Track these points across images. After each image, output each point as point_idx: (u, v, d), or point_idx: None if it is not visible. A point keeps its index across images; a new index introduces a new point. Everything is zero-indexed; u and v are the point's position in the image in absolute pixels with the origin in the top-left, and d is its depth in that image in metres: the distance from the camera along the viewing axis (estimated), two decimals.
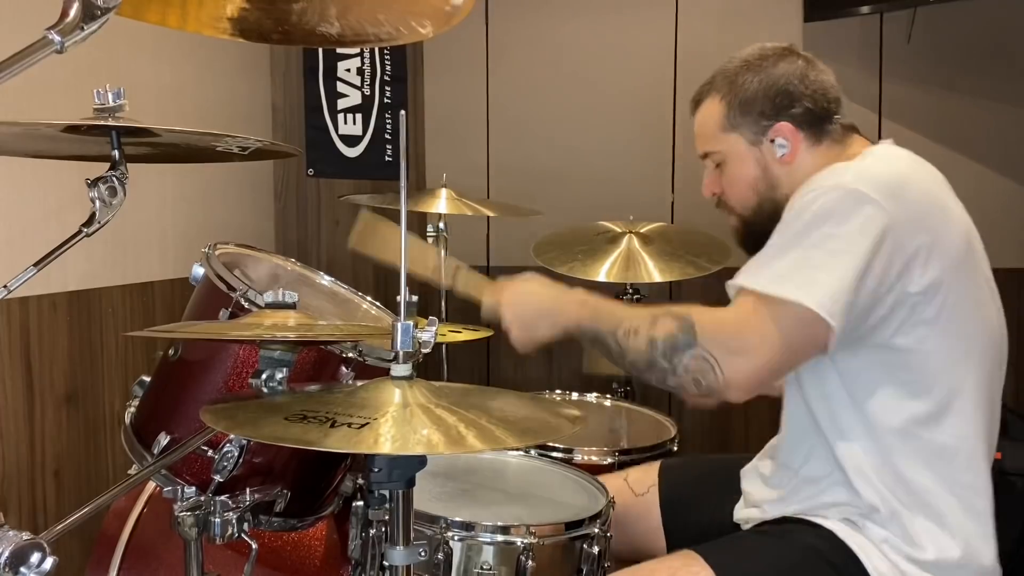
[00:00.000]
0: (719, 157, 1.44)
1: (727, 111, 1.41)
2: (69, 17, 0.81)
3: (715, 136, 1.43)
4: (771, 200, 1.40)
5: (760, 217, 1.41)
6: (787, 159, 1.39)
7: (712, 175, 1.47)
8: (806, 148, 1.39)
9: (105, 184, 0.97)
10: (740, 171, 1.42)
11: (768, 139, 1.39)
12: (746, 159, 1.41)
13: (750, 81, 1.39)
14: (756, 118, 1.39)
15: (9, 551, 0.83)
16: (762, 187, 1.41)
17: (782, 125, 1.38)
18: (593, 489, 1.53)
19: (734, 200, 1.45)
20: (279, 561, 1.50)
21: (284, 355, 1.13)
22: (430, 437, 0.87)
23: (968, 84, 2.87)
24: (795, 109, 1.38)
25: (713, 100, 1.44)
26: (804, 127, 1.38)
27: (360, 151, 3.07)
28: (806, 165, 1.38)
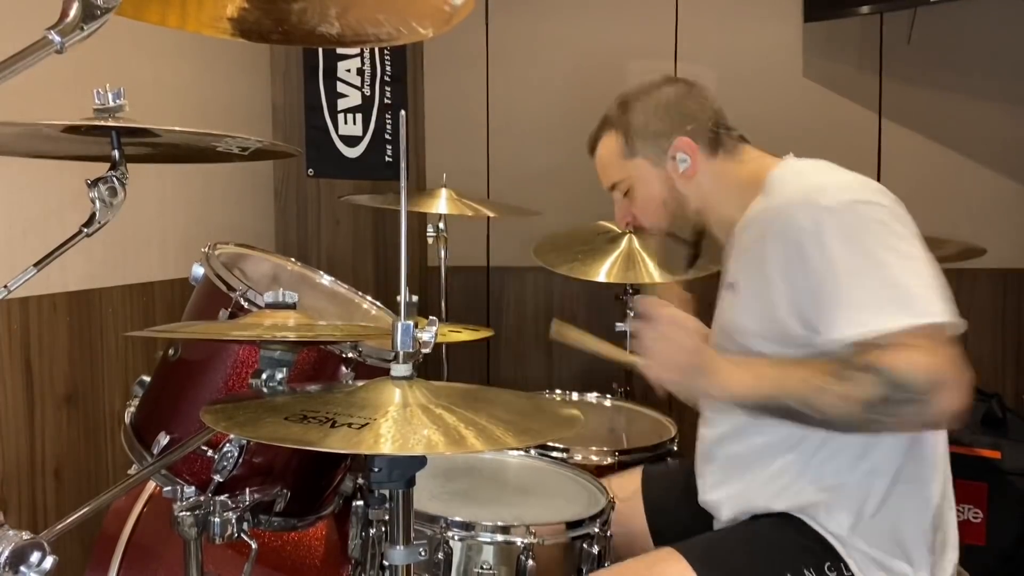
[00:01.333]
0: (625, 185, 1.52)
1: (625, 140, 1.49)
2: (69, 17, 0.81)
3: (617, 166, 1.52)
4: (683, 217, 1.49)
5: (678, 230, 1.51)
6: (689, 173, 1.45)
7: (622, 204, 1.55)
8: (704, 160, 1.45)
9: (105, 184, 0.97)
10: (648, 193, 1.49)
11: (669, 156, 1.45)
12: (652, 180, 1.48)
13: (639, 108, 1.49)
14: (654, 139, 1.47)
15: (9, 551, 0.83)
16: (671, 204, 1.48)
17: (680, 140, 1.44)
18: (593, 489, 1.53)
19: (648, 221, 1.53)
20: (279, 561, 1.50)
21: (284, 355, 1.13)
22: (430, 437, 0.87)
23: (968, 84, 2.87)
24: (687, 125, 1.45)
25: (609, 136, 1.53)
26: (699, 140, 1.44)
27: (360, 151, 3.07)
28: (707, 178, 1.45)
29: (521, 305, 3.30)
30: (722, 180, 1.45)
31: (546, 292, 3.26)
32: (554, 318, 1.56)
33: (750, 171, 1.42)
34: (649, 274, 2.38)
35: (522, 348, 3.29)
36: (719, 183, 1.45)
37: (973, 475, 2.26)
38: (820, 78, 2.98)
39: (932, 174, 2.87)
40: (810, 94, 2.97)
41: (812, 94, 2.97)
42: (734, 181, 1.44)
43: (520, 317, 3.29)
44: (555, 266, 2.43)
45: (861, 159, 2.90)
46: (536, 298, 3.28)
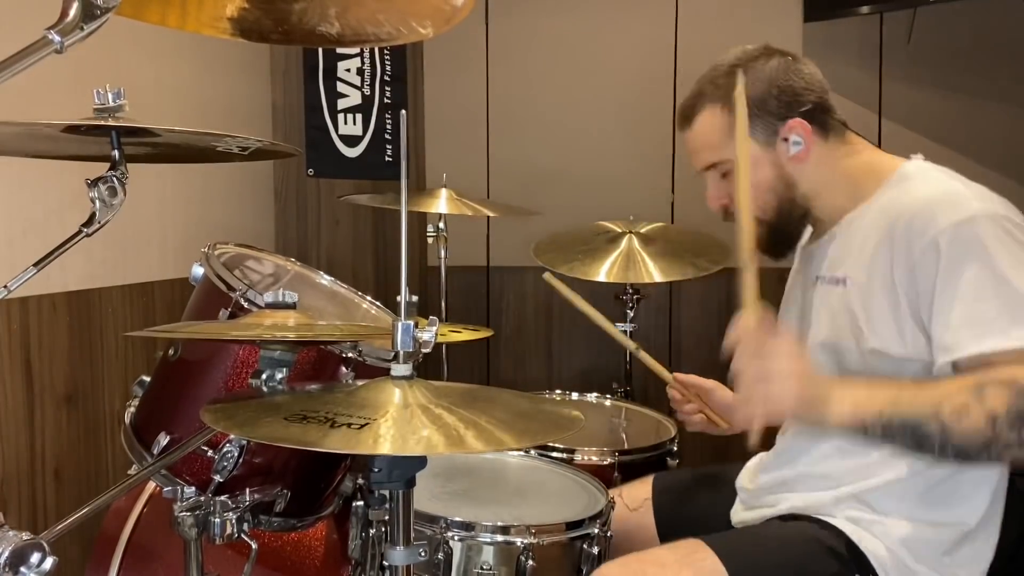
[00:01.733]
0: (728, 166, 1.37)
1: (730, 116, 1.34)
2: (69, 17, 0.81)
3: (721, 145, 1.36)
4: (789, 200, 1.37)
5: (782, 218, 1.37)
6: (801, 156, 1.35)
7: (718, 186, 1.41)
8: (817, 145, 1.36)
9: (105, 184, 0.97)
10: (755, 176, 1.33)
11: (781, 138, 1.35)
12: (760, 163, 1.35)
13: (750, 83, 1.32)
14: (767, 119, 1.34)
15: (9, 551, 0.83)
16: (779, 188, 1.36)
17: (795, 122, 1.34)
18: (593, 489, 1.53)
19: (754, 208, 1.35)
20: (279, 561, 1.50)
21: (284, 355, 1.13)
22: (430, 437, 0.87)
23: (968, 84, 2.87)
24: (804, 105, 1.35)
25: (711, 110, 1.38)
26: (814, 122, 1.35)
27: (360, 151, 3.07)
28: (818, 162, 1.36)
29: (521, 305, 3.30)
30: (833, 166, 1.36)
31: (546, 292, 3.25)
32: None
33: (866, 161, 1.36)
34: (649, 274, 2.38)
35: (522, 348, 3.29)
36: (830, 169, 1.36)
37: None
38: None
39: None
40: None
41: None
42: (846, 168, 1.37)
43: (520, 317, 3.29)
44: (555, 266, 2.43)
45: None
46: (536, 298, 3.28)
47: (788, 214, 1.37)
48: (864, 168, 1.36)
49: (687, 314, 3.11)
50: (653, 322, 3.07)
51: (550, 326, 3.27)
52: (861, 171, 1.36)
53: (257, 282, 1.47)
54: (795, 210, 1.37)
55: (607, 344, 2.95)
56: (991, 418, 1.05)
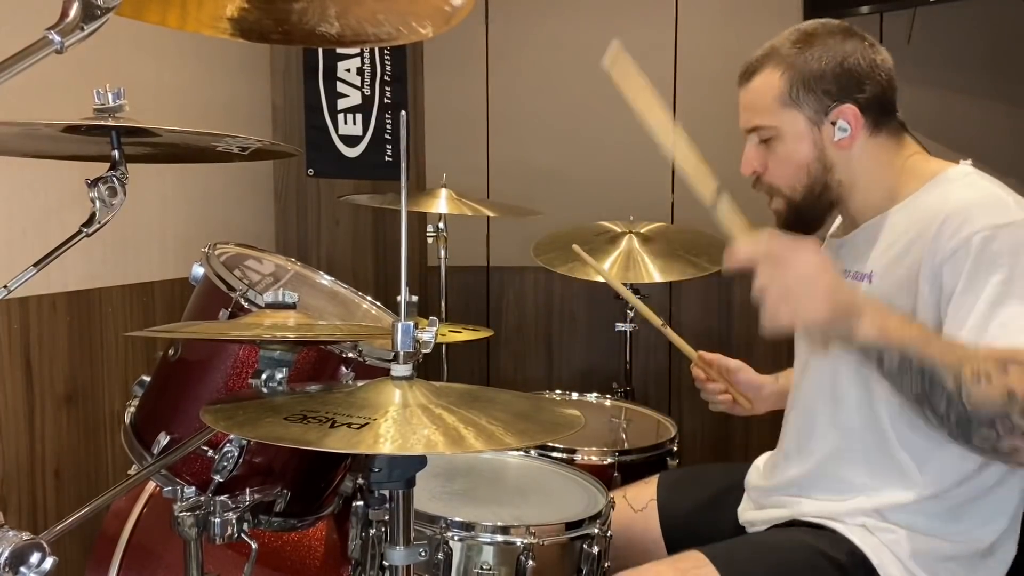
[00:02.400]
0: (770, 133, 1.34)
1: (789, 85, 1.32)
2: (69, 17, 0.81)
3: (770, 110, 1.33)
4: (823, 183, 1.33)
5: (809, 200, 1.34)
6: (845, 143, 1.31)
7: (755, 151, 1.37)
8: (865, 136, 1.32)
9: (105, 184, 0.97)
10: (794, 151, 1.33)
11: (829, 121, 1.31)
12: (803, 138, 1.32)
13: (817, 56, 1.31)
14: (821, 96, 1.31)
15: (9, 551, 0.83)
16: (815, 169, 1.33)
17: (847, 108, 1.30)
18: (593, 489, 1.53)
19: (781, 180, 1.36)
20: (279, 561, 1.50)
21: (284, 355, 1.13)
22: (430, 437, 0.87)
23: (968, 84, 2.87)
24: (862, 93, 1.31)
25: (772, 72, 1.33)
26: (868, 113, 1.31)
27: (360, 151, 3.07)
28: (862, 154, 1.32)
29: (521, 305, 3.30)
30: (877, 161, 1.33)
31: (546, 292, 3.26)
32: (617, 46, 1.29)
33: (913, 163, 1.34)
34: (649, 274, 2.38)
35: (522, 348, 3.29)
36: (873, 163, 1.33)
37: None
38: None
39: None
40: None
41: None
42: (890, 166, 1.33)
43: (520, 317, 3.29)
44: (555, 266, 2.43)
45: None
46: (536, 298, 3.28)
47: (817, 197, 1.34)
48: (908, 169, 1.33)
49: (687, 314, 3.11)
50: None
51: (550, 326, 3.27)
52: (904, 171, 1.33)
53: (257, 282, 1.47)
54: (825, 195, 1.34)
55: (607, 344, 2.95)
56: (1009, 393, 1.03)
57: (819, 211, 1.35)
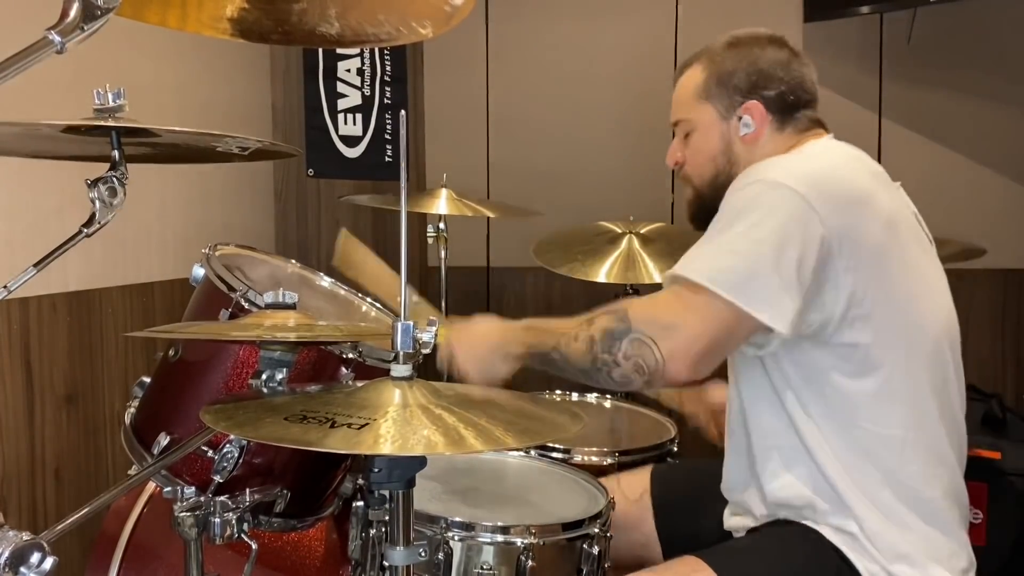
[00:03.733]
0: (688, 126, 1.46)
1: (705, 81, 1.43)
2: (69, 17, 0.81)
3: (689, 104, 1.45)
4: (727, 176, 1.41)
5: (714, 191, 1.41)
6: (749, 139, 1.40)
7: (678, 144, 1.49)
8: (770, 132, 1.40)
9: (105, 184, 0.97)
10: (705, 142, 1.44)
11: (737, 115, 1.41)
12: (713, 131, 1.43)
13: (733, 57, 1.43)
14: (730, 92, 1.41)
15: (9, 551, 0.83)
16: (721, 161, 1.43)
17: (753, 104, 1.40)
18: (593, 489, 1.53)
19: (693, 171, 1.47)
20: (279, 561, 1.50)
21: (284, 356, 1.13)
22: (430, 437, 0.87)
23: (968, 84, 2.87)
24: (768, 91, 1.40)
25: (695, 69, 1.46)
26: (773, 110, 1.40)
27: (360, 151, 3.07)
28: (766, 149, 1.40)
29: (521, 305, 3.29)
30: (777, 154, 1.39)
31: (546, 292, 3.26)
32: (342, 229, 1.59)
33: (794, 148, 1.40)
34: (649, 274, 2.38)
35: None
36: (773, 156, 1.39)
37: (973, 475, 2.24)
38: (820, 78, 2.95)
39: (932, 174, 2.87)
40: None
41: None
42: None
43: (520, 317, 3.28)
44: (555, 266, 2.43)
45: None
46: (536, 298, 3.28)
47: (719, 189, 1.39)
48: None
49: None
50: None
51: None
52: None
53: (257, 283, 1.47)
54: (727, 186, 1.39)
55: None
56: (590, 340, 1.23)
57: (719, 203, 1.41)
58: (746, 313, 1.18)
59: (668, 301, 1.24)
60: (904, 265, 1.30)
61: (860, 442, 1.27)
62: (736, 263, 1.20)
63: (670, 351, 1.19)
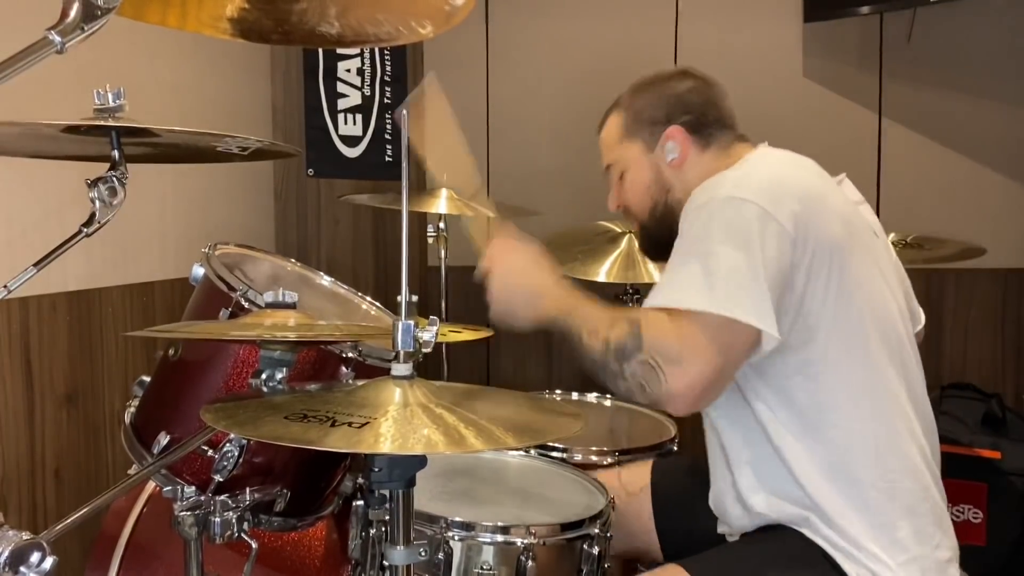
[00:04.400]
0: (620, 167, 1.54)
1: (624, 122, 1.52)
2: (69, 17, 0.81)
3: (614, 147, 1.54)
4: (664, 203, 1.49)
5: (655, 221, 1.51)
6: (676, 163, 1.47)
7: (616, 187, 1.56)
8: (695, 153, 1.47)
9: (105, 184, 0.97)
10: (637, 177, 1.51)
11: (660, 144, 1.48)
12: (642, 165, 1.50)
13: (646, 95, 1.52)
14: (649, 125, 1.49)
15: (9, 551, 0.83)
16: (655, 191, 1.50)
17: (672, 129, 1.46)
18: (593, 489, 1.53)
19: (634, 206, 1.54)
20: (279, 561, 1.50)
21: (284, 355, 1.13)
22: (430, 437, 0.87)
23: (968, 84, 2.87)
24: (684, 117, 1.47)
25: (615, 115, 1.56)
26: (692, 132, 1.47)
27: (360, 151, 3.07)
28: (695, 170, 1.45)
29: None
30: (708, 174, 1.40)
31: None
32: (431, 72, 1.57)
33: (728, 164, 1.42)
34: (649, 274, 2.38)
35: (522, 348, 3.29)
36: (704, 176, 1.40)
37: (973, 475, 2.26)
38: (820, 78, 2.98)
39: (932, 174, 2.87)
40: (810, 94, 2.97)
41: (812, 94, 2.96)
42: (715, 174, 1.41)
43: None
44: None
45: (861, 159, 2.90)
46: None
47: (661, 217, 1.49)
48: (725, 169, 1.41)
49: None
50: None
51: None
52: None
53: (257, 282, 1.47)
54: (667, 214, 1.47)
55: None
56: (605, 343, 1.23)
57: (665, 231, 1.45)
58: (745, 326, 1.18)
59: (677, 331, 1.21)
60: (862, 260, 1.32)
61: (834, 442, 1.28)
62: (715, 281, 1.20)
63: (676, 387, 1.18)
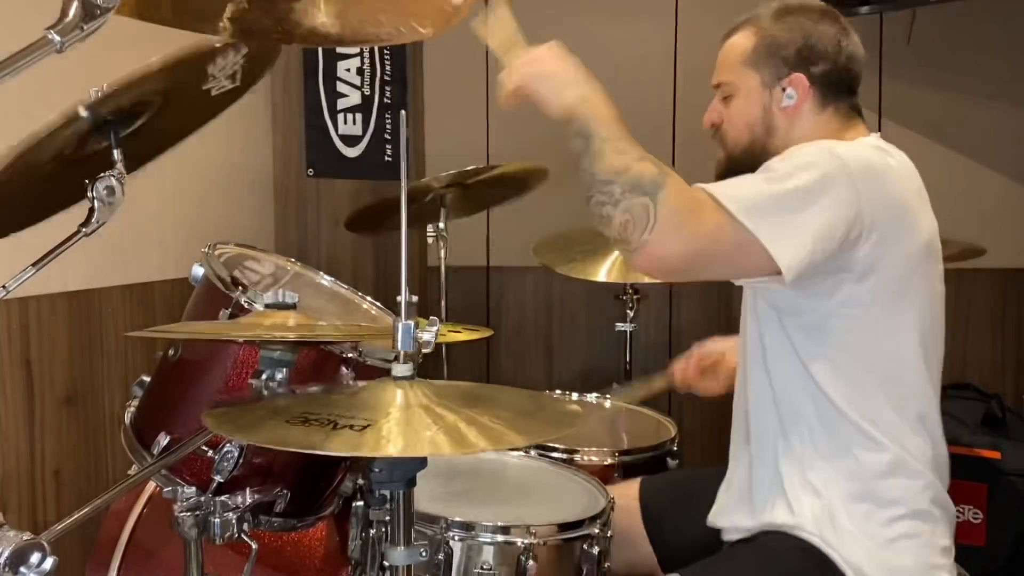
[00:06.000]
0: (730, 89, 1.45)
1: (754, 47, 1.41)
2: (69, 17, 0.81)
3: (734, 68, 1.44)
4: (762, 144, 1.42)
5: (747, 158, 1.42)
6: (790, 111, 1.40)
7: (718, 105, 1.48)
8: (810, 108, 1.40)
9: (104, 184, 0.97)
10: (745, 108, 1.43)
11: (780, 87, 1.40)
12: (754, 98, 1.42)
13: (785, 27, 1.40)
14: (778, 62, 1.40)
15: (9, 551, 0.83)
16: (759, 130, 1.42)
17: (798, 77, 1.39)
18: (593, 489, 1.53)
19: (729, 135, 1.46)
20: (279, 561, 1.50)
21: (284, 355, 1.13)
22: (434, 438, 0.86)
23: (968, 84, 2.87)
24: (816, 67, 1.39)
25: (744, 33, 1.44)
26: (817, 86, 1.39)
27: (360, 151, 3.07)
28: (805, 124, 1.40)
29: (521, 305, 3.29)
30: (814, 133, 1.39)
31: (546, 292, 3.26)
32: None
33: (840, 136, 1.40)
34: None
35: (522, 348, 3.29)
36: (810, 135, 1.39)
37: (973, 475, 2.26)
38: None
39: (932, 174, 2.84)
40: None
41: None
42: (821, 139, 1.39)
43: (520, 317, 3.29)
44: (555, 266, 2.43)
45: None
46: (536, 298, 3.27)
47: (753, 157, 1.40)
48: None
49: (687, 314, 3.10)
50: (653, 322, 3.06)
51: (550, 326, 3.27)
52: None
53: (257, 282, 1.47)
54: (761, 155, 1.40)
55: (607, 344, 2.95)
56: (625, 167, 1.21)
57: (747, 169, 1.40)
58: (756, 241, 1.18)
59: (699, 206, 1.20)
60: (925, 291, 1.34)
61: None
62: (765, 200, 1.21)
63: (655, 247, 1.18)
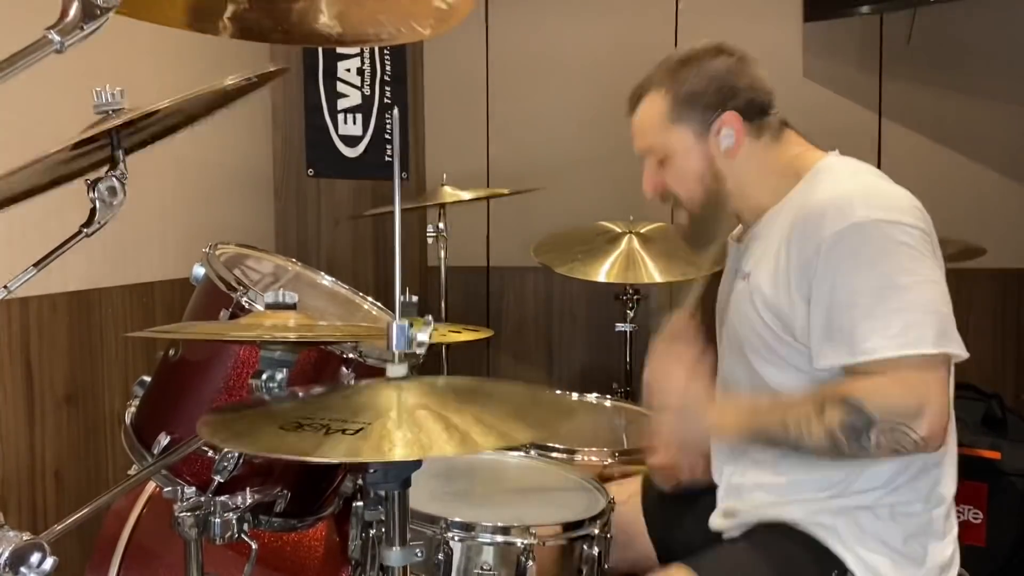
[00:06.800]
0: (661, 152, 1.43)
1: (671, 106, 1.40)
2: (69, 17, 0.81)
3: (658, 131, 1.42)
4: (715, 193, 1.41)
5: (707, 210, 1.43)
6: (732, 151, 1.38)
7: (654, 172, 1.46)
8: (749, 140, 1.39)
9: (105, 184, 0.97)
10: (687, 164, 1.41)
11: (714, 132, 1.38)
12: (693, 152, 1.40)
13: (692, 75, 1.39)
14: (702, 109, 1.38)
15: (9, 551, 0.83)
16: (708, 181, 1.41)
17: (728, 115, 1.37)
18: (593, 490, 1.53)
19: (683, 195, 1.44)
20: (279, 561, 1.50)
21: (284, 355, 1.13)
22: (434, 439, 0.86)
23: (968, 84, 2.87)
24: (737, 100, 1.37)
25: (652, 98, 1.42)
26: (747, 118, 1.38)
27: (360, 151, 3.07)
28: (750, 158, 1.39)
29: (521, 305, 3.29)
30: (762, 163, 1.39)
31: (546, 292, 3.26)
32: None
33: (790, 158, 1.39)
34: (649, 274, 2.38)
35: (522, 348, 3.29)
36: (759, 166, 1.39)
37: (973, 475, 2.26)
38: (820, 78, 2.98)
39: (932, 174, 2.87)
40: (810, 94, 2.96)
41: (812, 94, 2.96)
42: (773, 166, 1.40)
43: (520, 317, 3.29)
44: (555, 266, 2.43)
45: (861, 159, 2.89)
46: (536, 298, 3.28)
47: (713, 207, 1.42)
48: (787, 165, 1.39)
49: None
50: (653, 322, 3.07)
51: (550, 326, 3.27)
52: (784, 168, 1.39)
53: (257, 282, 1.47)
54: (720, 204, 1.42)
55: (607, 344, 2.95)
56: (830, 433, 1.20)
57: (714, 221, 1.45)
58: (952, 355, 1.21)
59: (900, 384, 1.20)
60: None
61: None
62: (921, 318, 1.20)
63: (929, 432, 1.18)
